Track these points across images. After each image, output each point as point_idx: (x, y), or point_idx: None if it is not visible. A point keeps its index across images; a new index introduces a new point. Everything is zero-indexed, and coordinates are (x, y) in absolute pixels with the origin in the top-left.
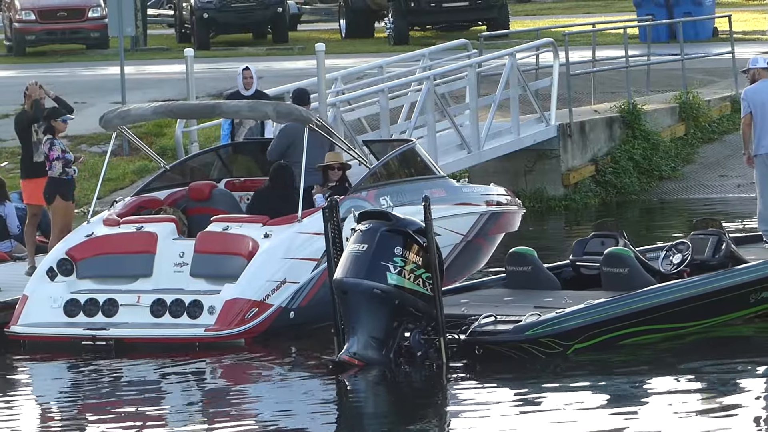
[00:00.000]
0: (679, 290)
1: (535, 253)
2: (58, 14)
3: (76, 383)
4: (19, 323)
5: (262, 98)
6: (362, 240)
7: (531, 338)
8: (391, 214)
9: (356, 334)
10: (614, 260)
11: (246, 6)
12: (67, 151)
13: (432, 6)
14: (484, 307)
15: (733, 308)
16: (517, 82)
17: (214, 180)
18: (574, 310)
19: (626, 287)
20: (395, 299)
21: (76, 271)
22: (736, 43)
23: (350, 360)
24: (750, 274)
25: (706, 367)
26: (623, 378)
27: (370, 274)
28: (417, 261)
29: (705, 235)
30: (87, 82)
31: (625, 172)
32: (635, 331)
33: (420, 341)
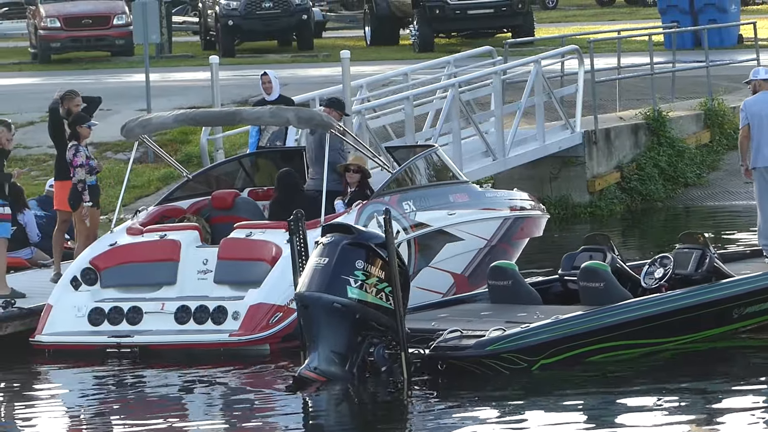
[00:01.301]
0: (653, 305)
1: (516, 268)
2: (83, 21)
3: (101, 390)
4: (44, 332)
5: (286, 103)
6: (324, 253)
7: (493, 353)
8: (354, 228)
9: (317, 348)
10: (590, 275)
11: (271, 13)
12: (91, 158)
13: (457, 13)
14: (458, 322)
15: (715, 324)
16: (542, 89)
17: (238, 189)
18: (539, 325)
19: (602, 302)
20: (356, 313)
21: (100, 280)
22: (761, 50)
23: (311, 375)
24: (732, 288)
25: (680, 385)
26: (589, 395)
27: (330, 287)
28: (380, 275)
29: (689, 249)
30: (112, 90)
31: (651, 179)
32: (607, 347)
33: (384, 356)
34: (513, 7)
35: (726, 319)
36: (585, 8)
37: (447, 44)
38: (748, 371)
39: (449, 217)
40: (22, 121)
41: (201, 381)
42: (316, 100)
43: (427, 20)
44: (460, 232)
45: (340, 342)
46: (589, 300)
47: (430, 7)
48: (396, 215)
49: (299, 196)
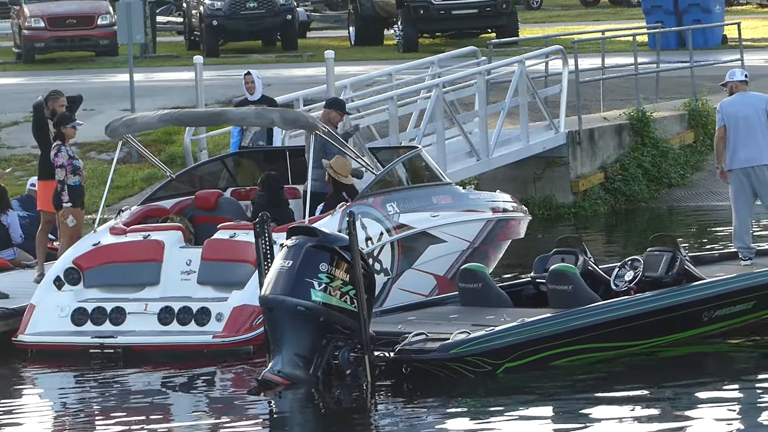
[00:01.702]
0: (620, 308)
1: (486, 270)
2: (68, 21)
3: (84, 391)
4: (27, 332)
5: (268, 103)
6: (288, 256)
7: (457, 356)
8: (319, 230)
9: (281, 351)
10: (558, 277)
11: (255, 13)
12: (75, 158)
13: (441, 13)
14: (426, 325)
15: (685, 327)
16: (526, 89)
17: (221, 189)
18: (504, 329)
19: (571, 304)
20: (320, 316)
21: (83, 280)
22: (746, 50)
23: (275, 378)
24: (701, 291)
25: (648, 389)
26: (554, 399)
27: (294, 290)
28: (344, 278)
29: (660, 251)
30: (96, 90)
31: (634, 180)
32: (573, 350)
33: (349, 359)
34: (497, 7)
35: (696, 322)
36: (569, 8)
37: (431, 44)
38: (718, 375)
39: (432, 218)
40: (6, 121)
41: (183, 382)
42: (301, 101)
43: (411, 20)
44: (443, 234)
45: (304, 345)
46: (558, 303)
47: (414, 7)
48: (380, 217)
49: (283, 198)
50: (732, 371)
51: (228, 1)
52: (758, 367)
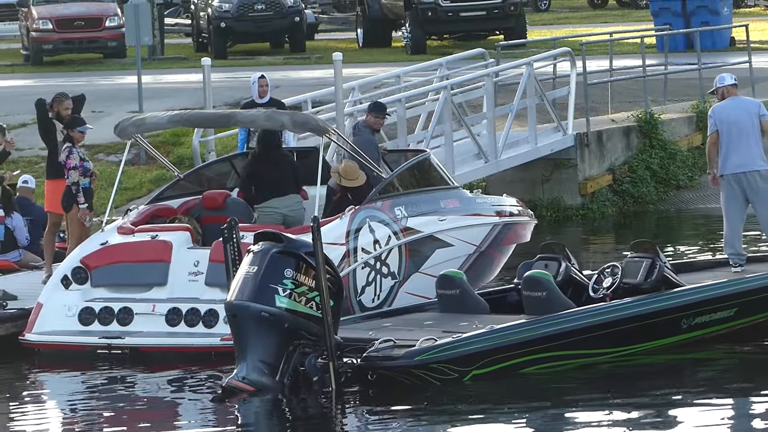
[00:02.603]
0: (592, 315)
1: (464, 277)
2: (76, 23)
3: (91, 391)
4: (34, 331)
5: (277, 106)
6: (253, 262)
7: (422, 363)
8: (284, 236)
9: (246, 358)
10: (532, 284)
11: (263, 15)
12: (86, 160)
13: (449, 15)
14: (399, 331)
15: (663, 334)
16: (534, 91)
17: (228, 189)
18: (471, 335)
19: (545, 311)
20: (285, 323)
21: (90, 279)
22: (754, 52)
23: (239, 385)
24: (679, 298)
25: (621, 398)
26: (523, 408)
27: (258, 296)
28: (310, 284)
29: (639, 258)
30: (104, 92)
31: (643, 182)
32: (544, 358)
33: (316, 366)
34: (505, 9)
35: (674, 329)
36: (577, 10)
37: (439, 46)
38: (696, 384)
39: (440, 222)
40: (14, 123)
41: (191, 384)
42: (309, 103)
43: (419, 22)
44: (451, 237)
45: (269, 352)
46: (532, 309)
47: (422, 9)
48: (388, 220)
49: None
50: (711, 380)
51: (236, 2)
52: (739, 376)
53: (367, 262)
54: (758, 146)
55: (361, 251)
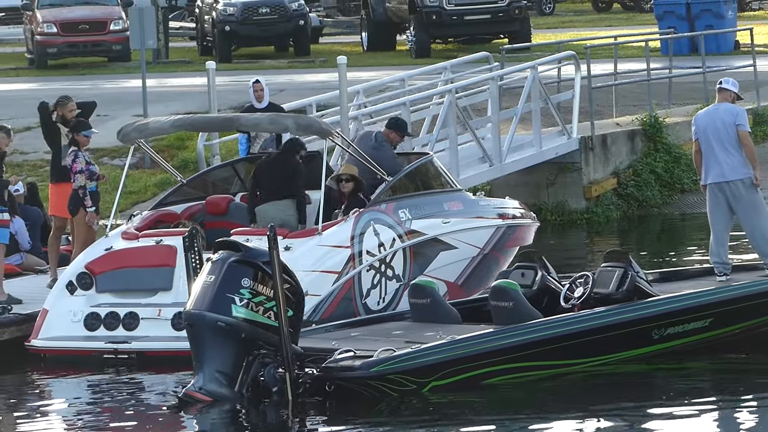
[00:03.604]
0: (557, 326)
1: (435, 286)
2: (80, 27)
3: (98, 396)
4: (40, 337)
5: (275, 110)
6: (211, 271)
7: (378, 375)
8: (242, 245)
9: (203, 368)
10: (499, 294)
11: (268, 19)
12: (91, 164)
13: (454, 19)
14: (365, 341)
15: (633, 345)
16: (538, 95)
17: (231, 194)
18: (429, 346)
19: (512, 321)
20: (242, 332)
21: (95, 284)
22: (758, 56)
23: (196, 395)
24: (649, 308)
25: (587, 409)
26: (479, 419)
27: (215, 306)
28: (268, 293)
29: (612, 267)
30: (109, 95)
31: (647, 185)
32: (507, 369)
33: (275, 376)
34: (510, 13)
35: (645, 340)
36: (582, 14)
37: (444, 50)
38: (667, 396)
39: (444, 225)
40: (19, 127)
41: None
42: (314, 106)
43: (423, 26)
44: (455, 240)
45: (227, 362)
46: (500, 319)
47: (426, 12)
48: (392, 223)
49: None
50: (681, 392)
51: (241, 6)
52: (711, 388)
53: (372, 265)
54: (739, 154)
55: (366, 254)
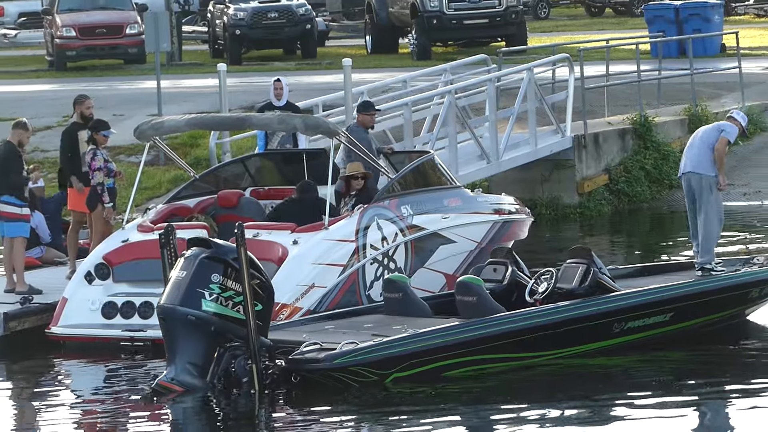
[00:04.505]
0: (515, 320)
1: (408, 281)
2: (98, 31)
3: (115, 381)
4: (59, 324)
5: (292, 109)
6: (183, 267)
7: (340, 366)
8: (213, 242)
9: (175, 360)
10: (464, 289)
11: (276, 23)
12: (109, 161)
13: (453, 23)
14: (335, 334)
15: (593, 338)
16: (534, 95)
17: (241, 189)
18: (390, 340)
19: (476, 315)
20: (211, 326)
21: (112, 275)
22: (743, 58)
23: (167, 385)
24: (609, 303)
25: (545, 400)
26: (439, 409)
27: (185, 300)
28: (238, 288)
29: (576, 263)
30: (125, 96)
31: (637, 181)
32: (468, 361)
33: (244, 367)
34: (506, 17)
35: (605, 333)
36: (575, 18)
37: (444, 53)
38: (627, 388)
39: (443, 220)
40: (39, 126)
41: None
42: (320, 106)
43: (425, 30)
44: (454, 234)
45: (197, 353)
46: (465, 313)
47: (427, 17)
48: (394, 218)
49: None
50: (638, 384)
51: (250, 11)
52: (670, 380)
53: (376, 258)
54: (705, 153)
55: (369, 248)
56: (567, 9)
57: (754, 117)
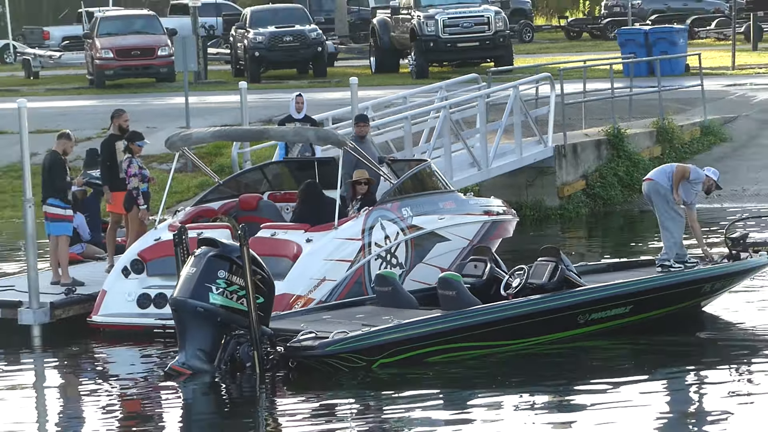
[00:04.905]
0: (492, 312)
1: (396, 276)
2: (132, 53)
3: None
4: (99, 314)
5: (309, 122)
6: (194, 264)
7: (332, 353)
8: (220, 242)
9: (186, 347)
10: (444, 284)
11: (291, 46)
12: (143, 168)
13: (448, 46)
14: (330, 324)
15: (560, 328)
16: (519, 110)
17: (260, 193)
18: (377, 329)
19: (455, 307)
20: (218, 316)
21: (146, 269)
22: (705, 77)
23: (179, 369)
24: (574, 297)
25: (516, 383)
26: (424, 391)
27: (195, 293)
28: (241, 283)
29: (546, 261)
30: (157, 110)
31: (611, 186)
32: (448, 348)
33: (248, 354)
34: (495, 41)
35: (571, 323)
36: (556, 42)
37: (439, 72)
38: (591, 372)
39: (439, 221)
40: (81, 137)
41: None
42: (330, 119)
43: (423, 52)
44: (448, 233)
45: (206, 341)
46: (446, 306)
47: (425, 40)
48: (396, 219)
49: (319, 205)
50: (604, 369)
51: (268, 35)
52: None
53: (380, 255)
54: (663, 169)
55: (374, 245)
56: (549, 33)
57: (714, 129)
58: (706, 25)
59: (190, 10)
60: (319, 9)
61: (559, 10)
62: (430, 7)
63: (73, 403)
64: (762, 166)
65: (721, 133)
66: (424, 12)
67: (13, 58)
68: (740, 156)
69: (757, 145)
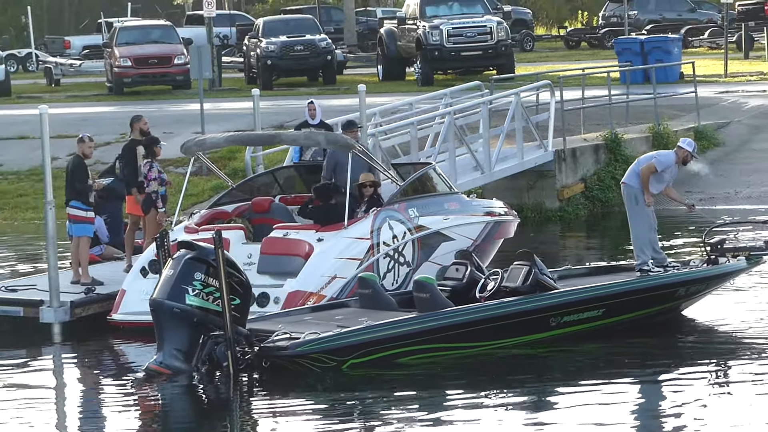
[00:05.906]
0: (463, 314)
1: (377, 279)
2: (150, 61)
3: None
4: (119, 312)
5: (325, 127)
6: (171, 266)
7: (303, 353)
8: (197, 245)
9: (163, 346)
10: (419, 287)
11: (302, 54)
12: (162, 172)
13: (452, 54)
14: (308, 325)
15: (532, 330)
16: (521, 116)
17: (272, 196)
18: (347, 331)
19: (429, 309)
20: (194, 317)
21: None
22: (699, 84)
23: (156, 368)
24: (545, 300)
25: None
26: (396, 392)
27: (171, 295)
28: (217, 285)
29: (521, 265)
30: (173, 116)
31: (609, 189)
32: (418, 350)
33: (225, 353)
34: (497, 49)
35: (543, 326)
36: (556, 50)
37: (444, 80)
38: (562, 374)
39: (444, 221)
40: (100, 141)
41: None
42: (339, 125)
43: (428, 60)
44: (453, 233)
45: (182, 341)
46: (421, 308)
47: (430, 49)
48: (403, 219)
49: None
50: (575, 371)
51: (280, 44)
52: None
53: (388, 253)
54: (635, 170)
55: (382, 244)
56: (549, 43)
57: (708, 134)
58: (699, 34)
59: (205, 21)
60: (328, 19)
61: (559, 21)
62: (435, 18)
63: (91, 398)
64: (753, 170)
65: (714, 138)
66: (430, 22)
67: (36, 66)
68: (732, 160)
69: (749, 150)
